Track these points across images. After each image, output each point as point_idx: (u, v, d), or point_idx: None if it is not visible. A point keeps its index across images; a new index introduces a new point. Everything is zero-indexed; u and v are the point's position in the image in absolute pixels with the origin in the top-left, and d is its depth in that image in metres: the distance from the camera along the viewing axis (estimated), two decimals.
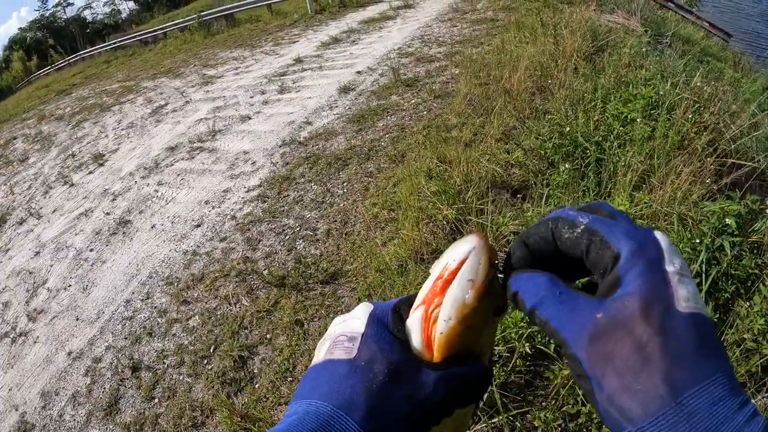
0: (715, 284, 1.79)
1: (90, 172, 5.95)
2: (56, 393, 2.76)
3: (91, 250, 4.06)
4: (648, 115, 2.76)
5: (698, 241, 1.83)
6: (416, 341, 0.36)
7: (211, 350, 2.59)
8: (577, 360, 0.30)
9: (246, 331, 2.62)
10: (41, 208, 5.43)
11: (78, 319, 3.27)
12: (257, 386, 2.31)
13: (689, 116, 2.63)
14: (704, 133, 2.54)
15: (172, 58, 12.73)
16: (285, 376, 2.28)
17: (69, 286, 3.69)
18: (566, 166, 2.54)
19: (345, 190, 3.53)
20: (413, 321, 0.37)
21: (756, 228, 1.97)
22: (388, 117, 4.53)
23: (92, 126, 8.24)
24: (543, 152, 2.85)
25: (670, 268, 0.29)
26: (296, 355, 2.37)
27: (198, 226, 3.76)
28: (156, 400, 2.45)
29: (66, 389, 2.75)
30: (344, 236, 3.04)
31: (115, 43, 20.12)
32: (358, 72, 6.17)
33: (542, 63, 4.03)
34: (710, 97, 2.89)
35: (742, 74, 6.51)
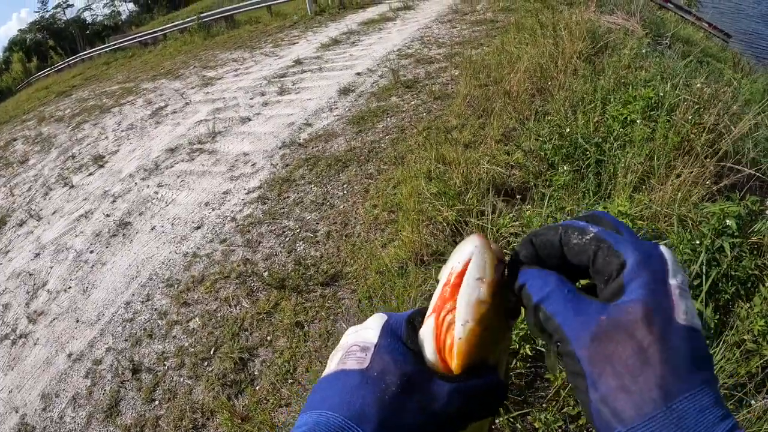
0: (715, 285, 1.79)
1: (90, 174, 5.95)
2: (56, 395, 2.76)
3: (91, 252, 4.06)
4: (648, 117, 2.76)
5: (698, 243, 1.84)
6: (429, 352, 0.36)
7: (212, 352, 2.59)
8: (576, 358, 0.30)
9: (246, 333, 2.62)
10: (41, 210, 5.43)
11: (78, 321, 3.27)
12: (258, 388, 2.31)
13: (689, 117, 2.63)
14: (704, 135, 2.54)
15: (172, 60, 12.73)
16: (285, 378, 2.28)
17: (69, 288, 3.69)
18: (566, 168, 2.54)
19: (345, 192, 3.54)
20: (426, 331, 0.36)
21: (756, 229, 1.97)
22: (388, 118, 4.53)
23: (92, 127, 8.24)
24: (543, 154, 2.86)
25: (673, 282, 0.30)
26: (296, 357, 2.37)
27: (198, 228, 3.76)
28: (156, 402, 2.45)
29: (66, 391, 2.75)
30: (344, 238, 3.05)
31: (115, 45, 20.12)
32: (358, 73, 6.18)
33: (542, 64, 4.03)
34: (710, 99, 2.89)
35: (742, 75, 6.52)
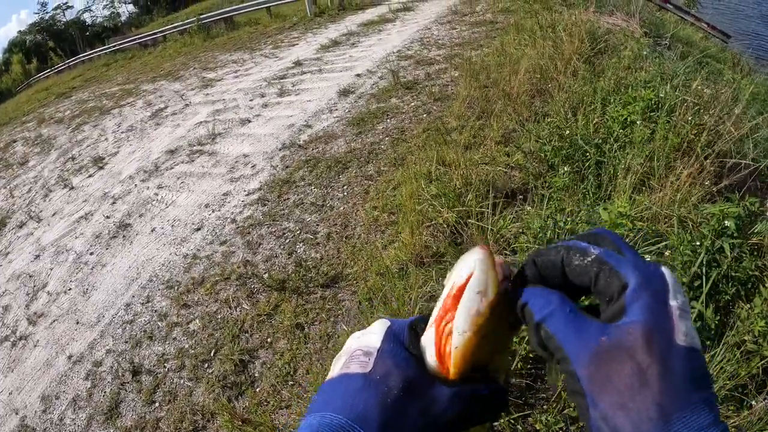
0: (716, 286, 1.79)
1: (90, 176, 5.95)
2: (56, 397, 2.75)
3: (91, 254, 4.06)
4: (648, 118, 2.76)
5: (698, 244, 1.84)
6: (430, 358, 0.36)
7: (212, 354, 2.59)
8: (577, 377, 0.31)
9: (246, 335, 2.62)
10: (41, 212, 5.43)
11: (78, 323, 3.27)
12: (258, 390, 2.30)
13: (689, 118, 2.63)
14: (704, 135, 2.55)
15: (172, 61, 12.74)
16: (286, 380, 2.28)
17: (69, 290, 3.69)
18: (566, 169, 2.54)
19: (345, 194, 3.54)
20: (427, 338, 0.37)
21: (756, 230, 1.97)
22: (388, 120, 4.53)
23: (92, 129, 8.24)
24: (543, 155, 2.86)
25: (674, 303, 0.31)
26: (297, 359, 2.37)
27: (198, 230, 3.76)
28: (157, 404, 2.45)
29: (66, 393, 2.75)
30: (344, 239, 3.05)
31: (115, 46, 20.13)
32: (358, 75, 6.18)
33: (541, 66, 4.03)
34: (710, 99, 2.89)
35: (742, 75, 6.53)
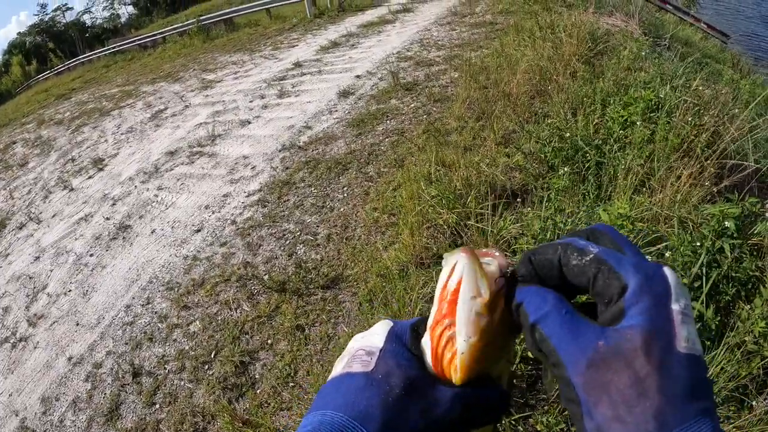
0: (716, 287, 1.79)
1: (90, 177, 5.95)
2: (57, 398, 2.75)
3: (91, 255, 4.06)
4: (648, 118, 2.76)
5: (699, 244, 1.84)
6: (428, 359, 0.37)
7: (212, 355, 2.59)
8: (572, 385, 0.29)
9: (247, 337, 2.62)
10: (41, 213, 5.43)
11: (78, 324, 3.27)
12: (259, 392, 2.30)
13: (689, 119, 2.63)
14: (704, 136, 2.55)
15: (172, 63, 12.74)
16: (286, 382, 2.28)
17: (69, 291, 3.69)
18: (566, 170, 2.54)
19: (345, 195, 3.54)
20: (425, 341, 0.37)
21: (756, 230, 1.97)
22: (388, 121, 4.53)
23: (92, 130, 8.24)
24: (543, 156, 2.86)
25: (675, 307, 0.29)
26: (297, 361, 2.36)
27: (198, 231, 3.76)
28: (157, 406, 2.45)
29: (66, 395, 2.75)
30: (345, 241, 3.05)
31: (115, 48, 20.11)
32: (358, 76, 6.18)
33: (541, 67, 4.04)
34: (710, 100, 2.89)
35: (741, 75, 6.54)
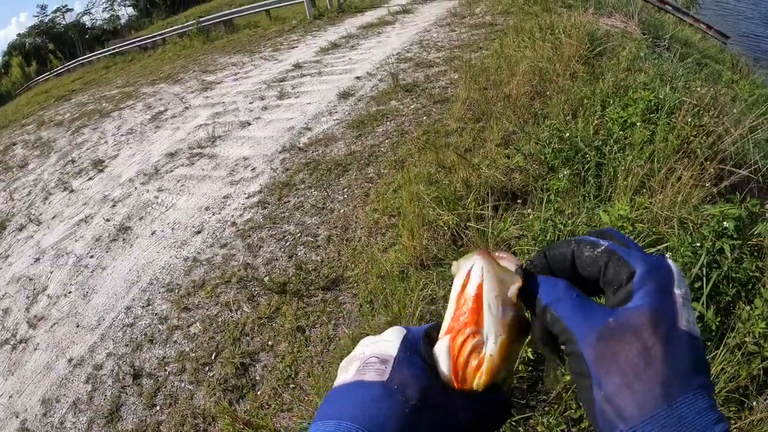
0: (716, 287, 1.79)
1: (90, 179, 5.95)
2: (57, 400, 2.75)
3: (91, 257, 4.06)
4: (648, 119, 2.76)
5: (699, 245, 1.84)
6: (444, 369, 0.37)
7: (213, 357, 2.59)
8: (582, 357, 0.32)
9: (247, 338, 2.62)
10: (41, 215, 5.43)
11: (78, 326, 3.27)
12: (259, 393, 2.30)
13: (689, 120, 2.64)
14: (704, 137, 2.55)
15: (171, 64, 12.75)
16: (287, 383, 2.28)
17: (69, 293, 3.69)
18: (566, 172, 2.54)
19: (345, 196, 3.54)
20: (441, 350, 0.37)
21: (756, 231, 1.97)
22: (388, 122, 4.54)
23: (92, 132, 8.24)
24: (543, 157, 2.86)
25: (678, 292, 0.32)
26: (298, 362, 2.36)
27: (198, 233, 3.76)
28: (157, 408, 2.45)
29: (67, 396, 2.75)
30: (345, 242, 3.05)
31: (114, 49, 20.13)
32: (357, 77, 6.18)
33: (541, 68, 4.04)
34: (710, 101, 2.89)
35: (741, 76, 6.55)
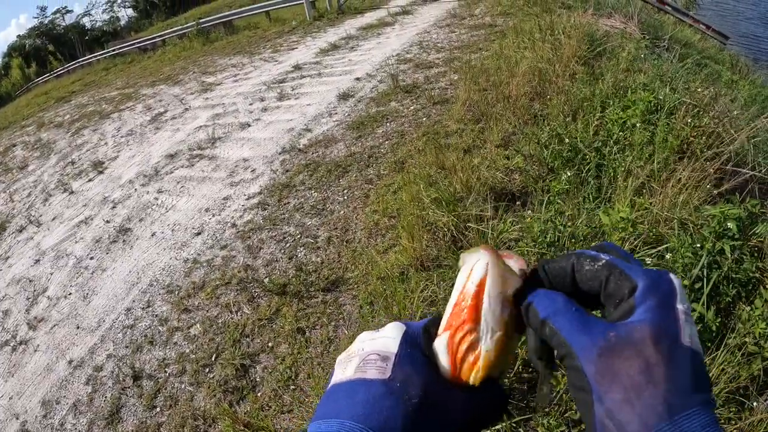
0: (717, 288, 1.79)
1: (90, 180, 5.95)
2: (57, 402, 2.75)
3: (92, 258, 4.06)
4: (647, 120, 2.76)
5: (699, 246, 1.84)
6: (444, 365, 0.37)
7: (213, 358, 2.59)
8: (582, 372, 0.31)
9: (247, 339, 2.62)
10: (41, 216, 5.43)
11: (78, 328, 3.26)
12: (259, 395, 2.30)
13: (689, 120, 2.64)
14: (704, 138, 2.55)
15: (171, 66, 12.75)
16: (287, 384, 2.28)
17: (69, 294, 3.69)
18: (567, 174, 2.54)
19: (345, 198, 3.54)
20: (440, 345, 0.37)
21: (756, 231, 1.97)
22: (388, 123, 4.54)
23: (91, 133, 8.24)
24: (543, 158, 2.86)
25: (680, 307, 0.32)
26: (298, 364, 2.36)
27: (198, 234, 3.76)
28: (158, 409, 2.45)
29: (67, 398, 2.74)
30: (345, 243, 3.05)
31: (114, 51, 20.14)
32: (357, 78, 6.19)
33: (540, 68, 4.04)
34: (710, 101, 2.89)
35: (740, 76, 6.55)
